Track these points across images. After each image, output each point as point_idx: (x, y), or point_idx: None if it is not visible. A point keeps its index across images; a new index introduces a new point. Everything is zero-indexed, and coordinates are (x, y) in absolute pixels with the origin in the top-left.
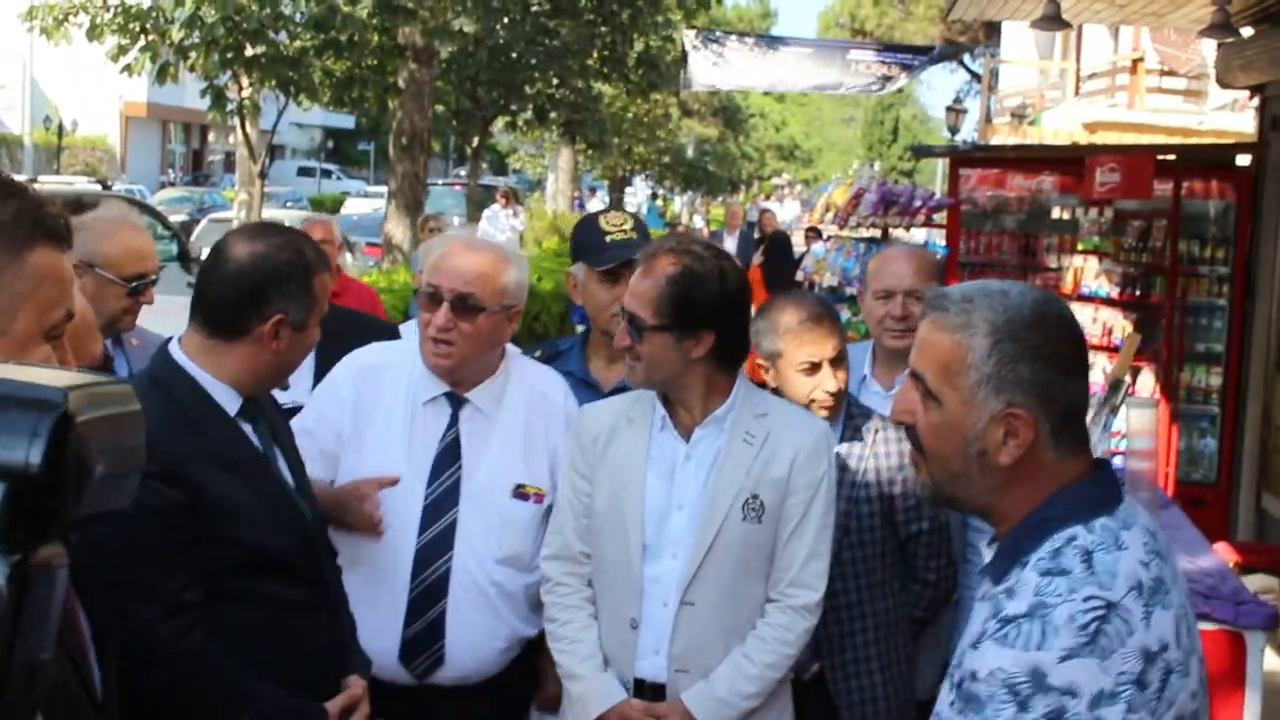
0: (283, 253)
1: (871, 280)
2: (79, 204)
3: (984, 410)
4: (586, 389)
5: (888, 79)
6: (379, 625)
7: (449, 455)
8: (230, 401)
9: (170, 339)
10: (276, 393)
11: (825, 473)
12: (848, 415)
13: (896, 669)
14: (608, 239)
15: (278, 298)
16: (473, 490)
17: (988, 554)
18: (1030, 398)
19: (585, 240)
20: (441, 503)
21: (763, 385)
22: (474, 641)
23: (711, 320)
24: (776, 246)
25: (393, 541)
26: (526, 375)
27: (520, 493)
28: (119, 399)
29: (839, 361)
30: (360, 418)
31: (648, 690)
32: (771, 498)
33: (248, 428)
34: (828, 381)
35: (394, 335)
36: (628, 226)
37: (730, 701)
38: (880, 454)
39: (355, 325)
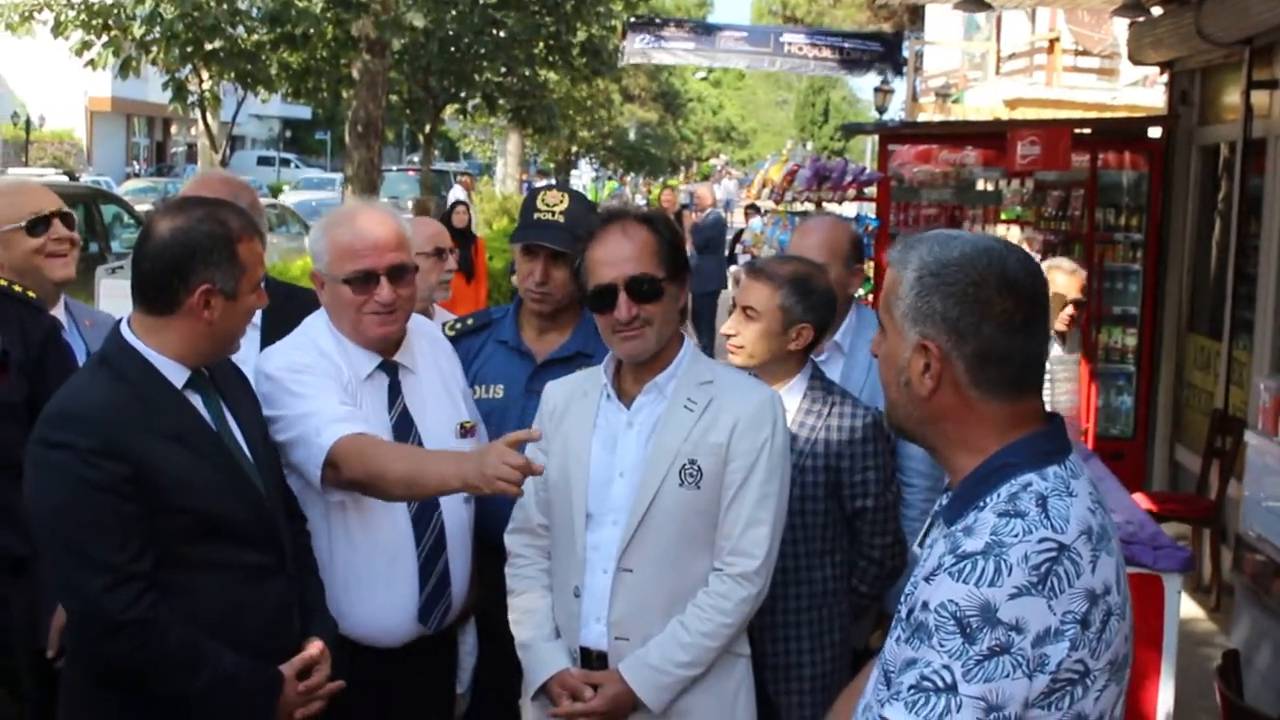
0: (204, 224)
1: (789, 251)
2: None
3: (908, 340)
4: (520, 357)
5: (820, 62)
6: (397, 592)
7: (404, 420)
8: (177, 375)
9: (121, 319)
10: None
11: (767, 439)
12: (810, 385)
13: (826, 639)
14: (535, 216)
15: (201, 268)
16: (432, 444)
17: (944, 500)
18: (941, 332)
19: (522, 213)
20: None
21: None
22: (465, 583)
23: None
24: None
25: (390, 516)
26: (414, 324)
27: (464, 430)
28: None
29: (751, 315)
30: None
31: (594, 659)
32: (710, 464)
33: (197, 399)
34: (729, 322)
35: None
36: (560, 209)
37: (664, 669)
38: (833, 426)
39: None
